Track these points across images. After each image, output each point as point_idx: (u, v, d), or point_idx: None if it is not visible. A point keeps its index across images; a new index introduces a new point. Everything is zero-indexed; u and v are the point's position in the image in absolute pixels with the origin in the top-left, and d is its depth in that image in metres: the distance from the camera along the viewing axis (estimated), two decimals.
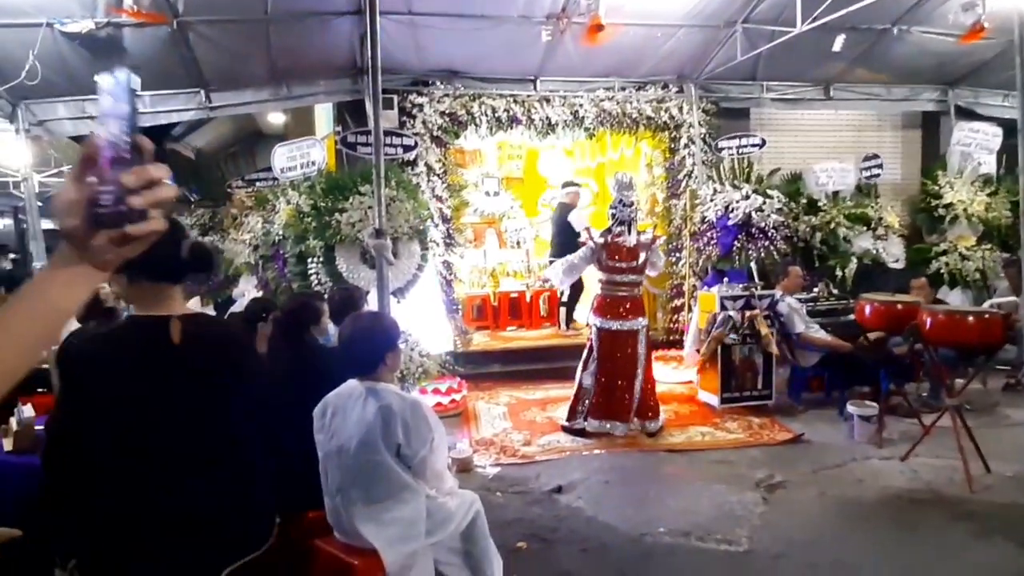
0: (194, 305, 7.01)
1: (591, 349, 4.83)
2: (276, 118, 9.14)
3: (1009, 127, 7.15)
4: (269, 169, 5.89)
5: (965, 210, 6.81)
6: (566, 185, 7.42)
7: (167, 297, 1.65)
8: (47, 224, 6.09)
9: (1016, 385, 5.71)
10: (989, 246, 6.82)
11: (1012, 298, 5.66)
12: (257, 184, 6.42)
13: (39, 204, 5.69)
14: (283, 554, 2.56)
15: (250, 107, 6.08)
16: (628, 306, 4.78)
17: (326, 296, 3.52)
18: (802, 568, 3.04)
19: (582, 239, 4.92)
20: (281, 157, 5.52)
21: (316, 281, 4.98)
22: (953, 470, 3.97)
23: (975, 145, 7.08)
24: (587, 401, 4.80)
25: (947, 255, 6.78)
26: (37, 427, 2.61)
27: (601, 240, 4.78)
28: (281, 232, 5.33)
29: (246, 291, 6.54)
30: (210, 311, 7.05)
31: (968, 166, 7.09)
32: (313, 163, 5.44)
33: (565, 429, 4.84)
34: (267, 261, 5.67)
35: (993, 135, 7.03)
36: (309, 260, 5.04)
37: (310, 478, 2.40)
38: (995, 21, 5.38)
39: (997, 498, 3.69)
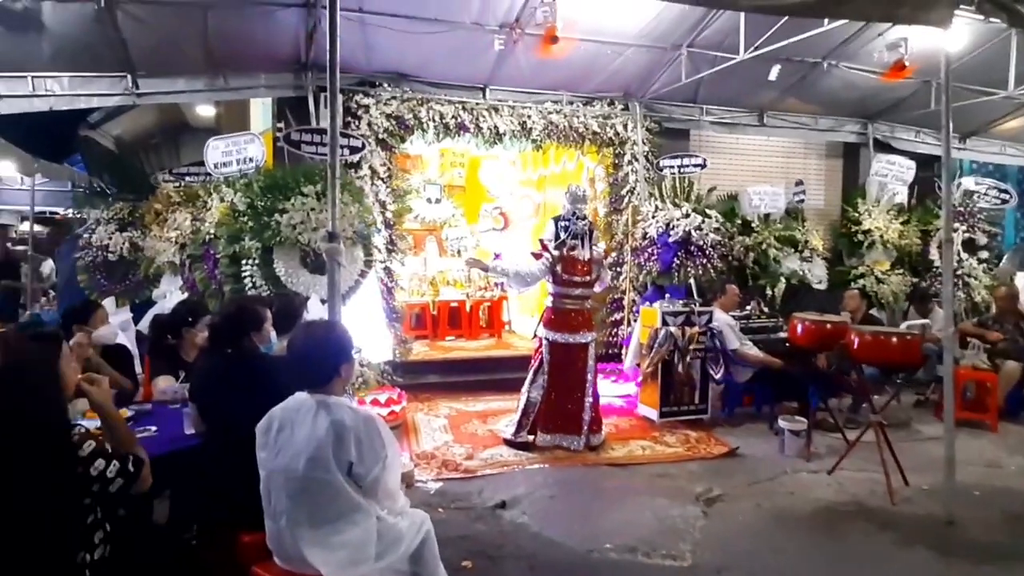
0: (109, 305, 6.49)
1: (541, 362, 4.79)
2: (206, 110, 8.67)
3: (920, 161, 7.78)
4: (200, 163, 5.54)
5: (881, 236, 7.27)
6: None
7: None
8: None
9: (925, 401, 6.13)
10: (901, 271, 7.32)
11: (924, 321, 6.08)
12: (187, 179, 6.03)
13: None
14: None
15: (182, 96, 5.70)
16: (579, 319, 4.79)
17: (268, 302, 3.32)
18: None
19: (536, 252, 4.88)
20: (215, 152, 5.21)
21: (251, 284, 4.71)
22: (875, 483, 4.18)
23: (891, 176, 7.61)
24: (532, 415, 4.75)
25: (864, 278, 7.21)
26: None
27: (557, 253, 4.76)
28: (213, 231, 5.01)
29: (168, 292, 6.12)
30: (126, 312, 6.55)
31: (884, 196, 7.60)
32: (251, 160, 5.16)
33: (508, 443, 4.78)
34: (196, 261, 5.31)
35: (907, 168, 7.58)
36: (244, 262, 4.76)
37: (248, 498, 2.23)
38: (915, 61, 5.79)
39: (916, 509, 3.90)
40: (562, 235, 4.81)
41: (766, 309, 6.48)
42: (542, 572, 3.14)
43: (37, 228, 14.28)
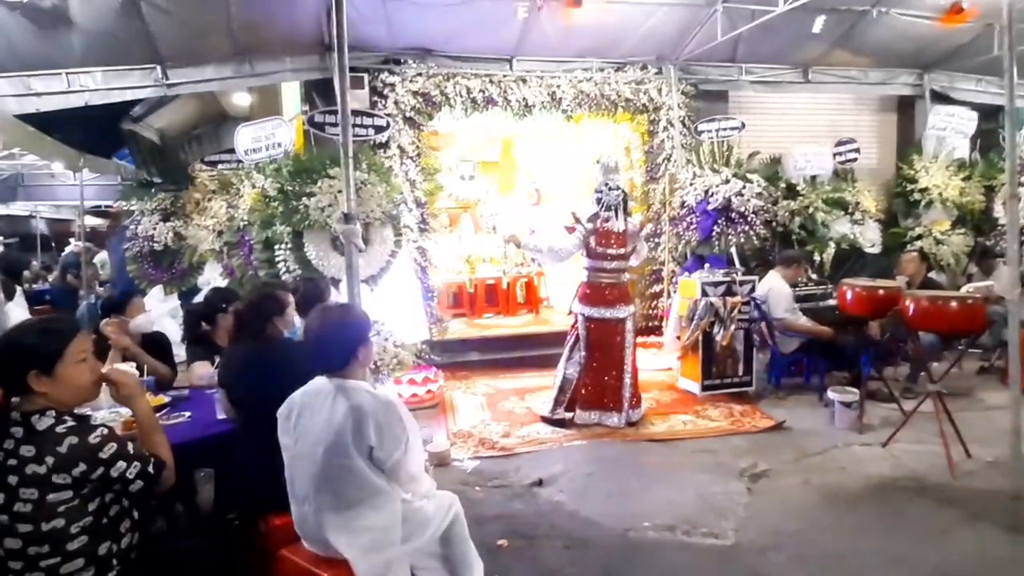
0: (157, 294, 6.71)
1: (577, 338, 4.69)
2: (242, 99, 8.74)
3: (982, 112, 7.22)
4: (232, 151, 5.60)
5: (940, 194, 6.82)
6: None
7: None
8: None
9: (990, 368, 5.76)
10: (963, 230, 6.86)
11: (988, 283, 5.69)
12: (220, 166, 6.10)
13: None
14: (247, 563, 2.40)
15: (211, 84, 5.72)
16: (615, 293, 4.66)
17: (291, 287, 3.32)
18: (791, 560, 2.97)
19: (569, 224, 4.75)
20: (245, 138, 5.23)
21: (284, 268, 4.74)
22: (934, 456, 3.96)
23: (950, 129, 7.09)
24: (569, 392, 4.68)
25: (922, 239, 6.80)
26: None
27: (590, 226, 4.63)
28: (246, 217, 5.07)
29: (212, 279, 6.27)
30: (174, 300, 6.75)
31: (943, 150, 7.10)
32: (279, 144, 5.16)
33: (545, 420, 4.72)
34: (232, 248, 5.40)
35: (968, 119, 7.05)
36: (276, 247, 4.80)
37: (274, 481, 2.23)
38: (975, 3, 5.33)
39: (979, 483, 3.67)
40: (595, 207, 4.67)
41: (814, 276, 6.19)
42: (578, 551, 3.09)
43: (98, 221, 14.98)
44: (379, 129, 5.40)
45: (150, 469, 1.90)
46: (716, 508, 3.45)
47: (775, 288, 5.27)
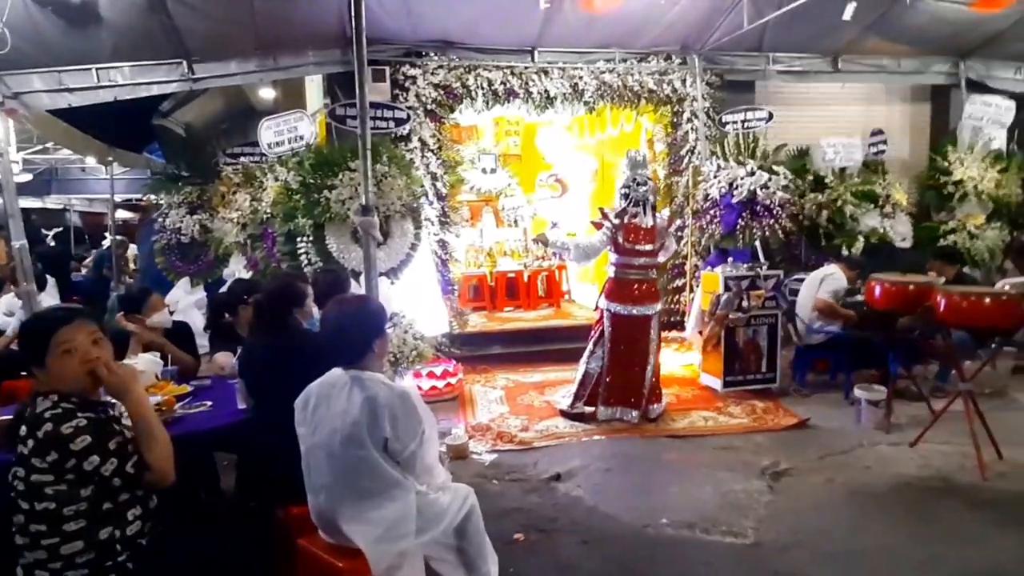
0: (184, 286, 6.83)
1: (601, 334, 4.65)
2: (267, 93, 8.84)
3: (1021, 101, 6.97)
4: (253, 144, 5.66)
5: (975, 187, 6.62)
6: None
7: None
8: (26, 203, 5.83)
9: None
10: (999, 224, 6.65)
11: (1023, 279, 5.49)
12: (242, 159, 6.17)
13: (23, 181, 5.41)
14: (266, 552, 2.42)
15: (235, 79, 5.79)
16: (642, 290, 4.60)
17: (310, 278, 3.34)
18: (812, 559, 2.91)
19: (596, 221, 4.70)
20: (268, 132, 5.29)
21: (306, 261, 4.79)
22: (964, 456, 3.85)
23: (987, 119, 6.87)
24: (589, 387, 4.64)
25: (956, 233, 6.61)
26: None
27: (617, 221, 4.58)
28: (269, 210, 5.12)
29: (236, 271, 6.35)
30: (200, 292, 6.87)
31: (979, 141, 6.88)
32: (301, 138, 5.20)
33: (564, 414, 4.70)
34: (256, 240, 5.47)
35: (1006, 109, 6.82)
36: (298, 239, 4.84)
37: (292, 471, 2.25)
38: None
39: (1012, 485, 3.56)
40: (623, 203, 4.62)
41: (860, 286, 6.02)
42: (595, 546, 3.07)
43: (129, 215, 15.29)
44: (399, 122, 5.41)
45: (128, 469, 1.82)
46: (736, 506, 3.40)
47: (836, 275, 5.14)
